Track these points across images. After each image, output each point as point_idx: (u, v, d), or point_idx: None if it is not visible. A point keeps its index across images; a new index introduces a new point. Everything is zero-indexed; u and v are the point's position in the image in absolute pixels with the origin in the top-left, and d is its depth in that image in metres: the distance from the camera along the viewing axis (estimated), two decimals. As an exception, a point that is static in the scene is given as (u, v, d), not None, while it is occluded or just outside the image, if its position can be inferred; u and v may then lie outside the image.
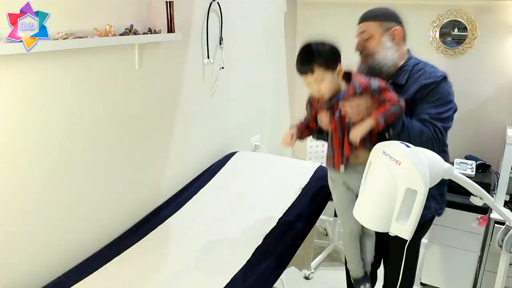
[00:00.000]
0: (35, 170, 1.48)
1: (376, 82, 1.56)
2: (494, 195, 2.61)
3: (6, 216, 1.42)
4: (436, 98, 1.67)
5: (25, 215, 1.48)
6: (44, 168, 1.51)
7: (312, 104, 1.69)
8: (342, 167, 1.63)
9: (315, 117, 1.70)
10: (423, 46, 2.97)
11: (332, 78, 1.53)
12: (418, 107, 1.67)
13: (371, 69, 1.69)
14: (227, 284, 1.55)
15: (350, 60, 1.84)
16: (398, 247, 1.89)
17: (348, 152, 1.60)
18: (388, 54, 1.69)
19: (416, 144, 1.44)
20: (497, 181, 2.59)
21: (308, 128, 1.74)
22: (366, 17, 1.73)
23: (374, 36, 1.69)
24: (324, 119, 1.64)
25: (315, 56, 1.51)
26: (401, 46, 1.73)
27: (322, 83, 1.52)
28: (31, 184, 1.48)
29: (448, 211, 2.64)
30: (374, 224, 1.32)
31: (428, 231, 2.76)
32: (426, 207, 1.53)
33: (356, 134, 1.53)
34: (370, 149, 1.43)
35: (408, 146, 1.29)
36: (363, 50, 1.72)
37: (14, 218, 1.44)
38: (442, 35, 2.91)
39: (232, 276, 1.59)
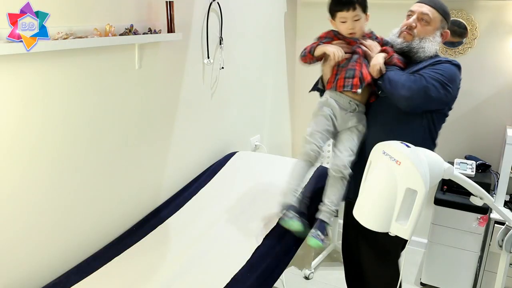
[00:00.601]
0: (35, 170, 1.48)
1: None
2: (494, 195, 2.61)
3: (6, 216, 1.42)
4: (441, 69, 1.68)
5: (25, 215, 1.48)
6: (44, 168, 1.51)
7: (333, 38, 1.84)
8: (359, 89, 1.75)
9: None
10: (423, 46, 2.97)
11: (364, 20, 1.80)
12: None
13: (413, 47, 1.76)
14: (227, 284, 1.55)
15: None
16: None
17: (368, 77, 1.75)
18: (432, 47, 1.75)
19: (406, 94, 1.62)
20: (497, 181, 2.59)
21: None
22: (434, 5, 1.75)
23: (432, 24, 1.74)
24: (339, 49, 1.78)
25: None
26: (439, 46, 1.81)
27: (358, 21, 1.77)
28: (31, 184, 1.48)
29: (448, 211, 2.65)
30: (374, 224, 1.32)
31: (428, 231, 2.77)
32: None
33: (378, 60, 1.71)
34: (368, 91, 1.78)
35: (408, 146, 1.30)
36: (414, 28, 1.76)
37: (14, 218, 1.44)
38: (442, 35, 2.91)
39: (232, 276, 1.59)
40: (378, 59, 1.73)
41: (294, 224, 1.74)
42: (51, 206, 1.56)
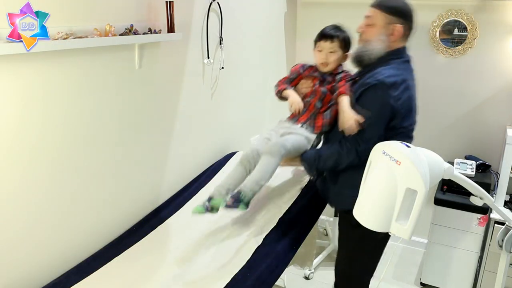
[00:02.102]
0: (35, 170, 1.48)
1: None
2: (494, 195, 2.61)
3: (6, 216, 1.42)
4: (360, 103, 1.68)
5: (25, 215, 1.48)
6: (44, 168, 1.51)
7: (305, 70, 1.95)
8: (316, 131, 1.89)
9: (297, 83, 1.98)
10: (423, 46, 2.97)
11: (340, 56, 1.87)
12: None
13: (357, 52, 1.77)
14: (227, 284, 1.55)
15: (349, 62, 1.85)
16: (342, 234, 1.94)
17: (318, 123, 1.87)
18: (377, 47, 1.71)
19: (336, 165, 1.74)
20: (497, 181, 2.59)
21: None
22: (378, 5, 1.72)
23: (375, 25, 1.71)
24: (306, 86, 1.93)
25: (340, 31, 1.87)
26: (395, 44, 1.71)
27: (333, 54, 1.84)
28: (31, 184, 1.48)
29: (448, 211, 2.65)
30: (374, 224, 1.32)
31: (428, 231, 2.77)
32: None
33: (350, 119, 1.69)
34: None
35: (408, 146, 1.30)
36: (362, 33, 1.76)
37: (14, 218, 1.44)
38: (442, 35, 2.91)
39: (232, 276, 1.59)
40: (349, 115, 1.68)
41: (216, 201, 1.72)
42: (51, 206, 1.56)
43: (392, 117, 1.65)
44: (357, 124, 1.65)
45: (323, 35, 1.86)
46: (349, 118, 1.66)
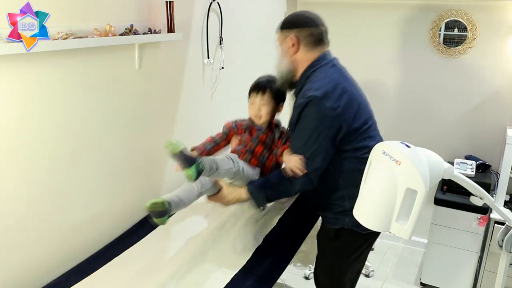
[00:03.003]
0: (35, 170, 1.48)
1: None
2: (494, 195, 2.61)
3: (6, 216, 1.42)
4: (300, 128, 1.60)
5: (25, 214, 1.48)
6: (43, 168, 1.51)
7: (238, 127, 1.89)
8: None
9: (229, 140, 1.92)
10: (423, 46, 2.97)
11: (273, 109, 1.80)
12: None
13: (278, 80, 1.73)
14: (227, 284, 1.55)
15: (349, 62, 1.84)
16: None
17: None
18: (281, 64, 1.69)
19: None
20: (497, 181, 2.59)
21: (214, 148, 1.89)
22: (278, 26, 1.69)
23: (280, 45, 1.69)
24: (236, 141, 1.87)
25: (272, 83, 1.78)
26: (300, 54, 1.64)
27: (265, 107, 1.77)
28: (30, 184, 1.48)
29: (448, 211, 2.65)
30: (374, 224, 1.32)
31: (428, 231, 2.77)
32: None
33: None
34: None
35: (408, 146, 1.30)
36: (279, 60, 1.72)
37: (14, 218, 1.44)
38: (442, 35, 2.91)
39: (232, 276, 1.59)
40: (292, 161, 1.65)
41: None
42: (51, 205, 1.56)
43: (339, 127, 1.57)
44: (300, 163, 1.60)
45: (254, 87, 1.81)
46: (293, 162, 1.61)
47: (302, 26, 1.64)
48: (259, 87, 1.80)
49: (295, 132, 1.65)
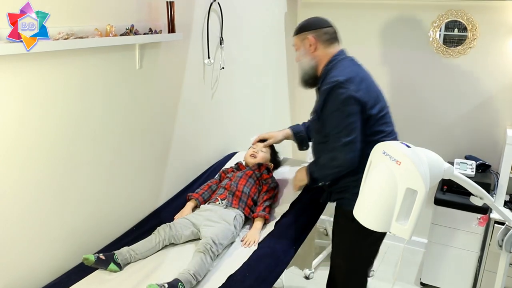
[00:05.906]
0: (35, 170, 1.49)
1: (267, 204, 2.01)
2: (494, 195, 2.61)
3: (6, 216, 1.42)
4: (329, 111, 1.74)
5: (25, 214, 1.48)
6: (43, 168, 1.51)
7: (228, 170, 2.20)
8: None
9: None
10: (423, 46, 2.97)
11: (267, 158, 2.24)
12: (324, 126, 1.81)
13: (301, 77, 1.90)
14: (226, 284, 1.55)
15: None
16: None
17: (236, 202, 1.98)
18: (303, 63, 1.86)
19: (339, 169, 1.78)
20: (497, 181, 2.59)
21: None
22: (295, 32, 1.89)
23: (298, 48, 1.89)
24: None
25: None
26: (320, 51, 1.83)
27: (262, 153, 2.22)
28: (30, 184, 1.48)
29: (448, 211, 2.65)
30: (374, 224, 1.32)
31: (428, 231, 2.77)
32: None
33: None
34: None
35: (408, 146, 1.30)
36: (296, 60, 1.92)
37: (14, 218, 1.44)
38: (442, 35, 2.91)
39: (231, 275, 1.59)
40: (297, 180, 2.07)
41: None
42: (51, 205, 1.56)
43: (363, 108, 1.71)
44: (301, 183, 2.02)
45: (261, 140, 2.26)
46: (298, 181, 2.04)
47: (316, 27, 1.84)
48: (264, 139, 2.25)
49: (324, 117, 1.78)
